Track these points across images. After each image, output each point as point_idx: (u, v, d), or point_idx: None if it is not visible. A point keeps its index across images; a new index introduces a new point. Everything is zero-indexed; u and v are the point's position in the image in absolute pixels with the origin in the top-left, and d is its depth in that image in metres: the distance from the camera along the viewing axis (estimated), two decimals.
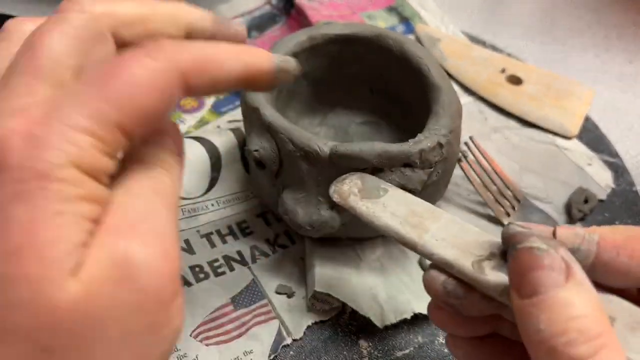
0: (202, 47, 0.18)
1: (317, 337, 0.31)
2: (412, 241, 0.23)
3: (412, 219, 0.24)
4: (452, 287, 0.21)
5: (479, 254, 0.21)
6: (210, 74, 0.18)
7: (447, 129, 0.29)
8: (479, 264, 0.21)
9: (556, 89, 0.46)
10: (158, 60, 0.17)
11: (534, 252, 0.19)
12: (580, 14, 0.61)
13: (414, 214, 0.24)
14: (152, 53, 0.17)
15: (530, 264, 0.19)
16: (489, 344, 0.24)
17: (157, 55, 0.17)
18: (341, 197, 0.26)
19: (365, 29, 0.35)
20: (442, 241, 0.22)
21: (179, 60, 0.17)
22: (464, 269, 0.21)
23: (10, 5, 0.56)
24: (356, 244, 0.34)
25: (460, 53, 0.49)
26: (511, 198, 0.37)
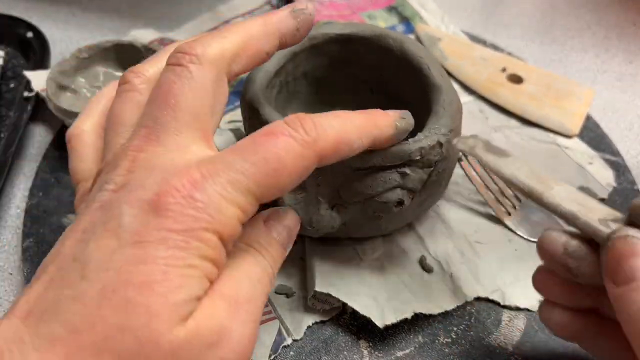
0: (339, 130, 0.21)
1: (318, 337, 0.31)
2: (538, 192, 0.23)
3: (537, 177, 0.24)
4: (574, 248, 0.21)
5: (603, 216, 0.21)
6: (342, 154, 0.21)
7: (448, 128, 0.29)
8: (605, 222, 0.21)
9: (557, 89, 0.46)
10: (301, 144, 0.19)
11: (629, 240, 0.19)
12: (580, 14, 0.61)
13: (538, 175, 0.24)
14: (295, 134, 0.19)
15: (626, 252, 0.19)
16: (587, 318, 0.24)
17: (303, 140, 0.19)
18: (466, 146, 0.26)
19: (365, 28, 0.35)
20: (567, 198, 0.22)
21: (320, 148, 0.20)
22: (590, 222, 0.21)
23: (11, 5, 0.56)
24: (356, 244, 0.34)
25: (461, 53, 0.49)
26: (512, 197, 0.37)
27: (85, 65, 0.43)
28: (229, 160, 0.19)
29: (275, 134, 0.19)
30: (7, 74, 0.47)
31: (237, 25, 0.22)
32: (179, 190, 0.18)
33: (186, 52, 0.21)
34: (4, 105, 0.45)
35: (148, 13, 0.58)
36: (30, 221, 0.37)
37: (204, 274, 0.18)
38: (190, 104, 0.20)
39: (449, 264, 0.33)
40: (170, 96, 0.20)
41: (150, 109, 0.20)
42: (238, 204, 0.18)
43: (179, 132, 0.20)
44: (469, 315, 0.32)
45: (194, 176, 0.18)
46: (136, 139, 0.20)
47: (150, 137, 0.19)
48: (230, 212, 0.18)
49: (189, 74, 0.20)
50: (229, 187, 0.18)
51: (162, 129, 0.19)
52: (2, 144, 0.41)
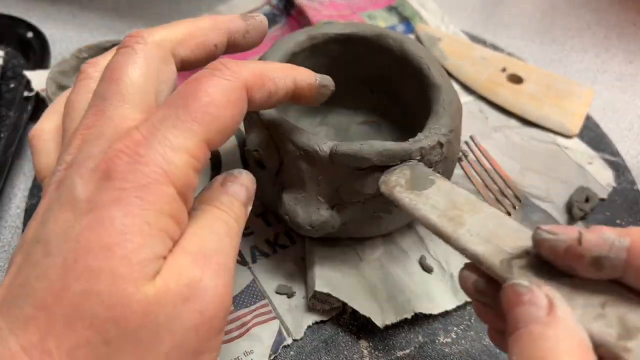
0: (258, 64, 0.22)
1: (318, 337, 0.31)
2: (446, 234, 0.23)
3: (452, 212, 0.24)
4: (482, 287, 0.22)
5: (511, 251, 0.21)
6: (267, 88, 0.22)
7: (448, 128, 0.29)
8: (508, 262, 0.21)
9: (557, 89, 0.46)
10: (227, 78, 0.20)
11: (515, 289, 0.19)
12: (580, 14, 0.61)
13: (454, 206, 0.24)
14: (219, 73, 0.20)
15: (512, 301, 0.19)
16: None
17: (224, 74, 0.20)
18: (387, 188, 0.26)
19: (365, 28, 0.35)
20: (476, 236, 0.22)
21: (243, 77, 0.21)
22: (492, 266, 0.21)
23: (11, 5, 0.56)
24: (356, 244, 0.34)
25: (461, 52, 0.49)
26: (512, 197, 0.37)
27: None
28: (164, 113, 0.19)
29: (198, 77, 0.20)
30: (7, 73, 0.47)
31: (186, 19, 0.24)
32: (123, 151, 0.18)
33: (132, 35, 0.22)
34: (4, 105, 0.45)
35: (148, 13, 0.58)
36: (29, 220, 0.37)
37: (165, 230, 0.18)
38: (134, 78, 0.21)
39: (449, 263, 0.33)
40: (115, 72, 0.21)
41: (99, 88, 0.21)
42: (185, 150, 0.18)
43: (122, 103, 0.20)
44: (469, 315, 0.32)
45: (135, 137, 0.18)
46: (86, 118, 0.20)
47: (98, 113, 0.20)
48: (178, 159, 0.18)
49: (132, 51, 0.21)
50: (171, 136, 0.18)
51: (108, 102, 0.20)
52: (2, 143, 0.41)
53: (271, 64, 0.23)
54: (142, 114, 0.20)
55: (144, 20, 0.57)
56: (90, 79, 0.23)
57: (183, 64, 0.23)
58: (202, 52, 0.24)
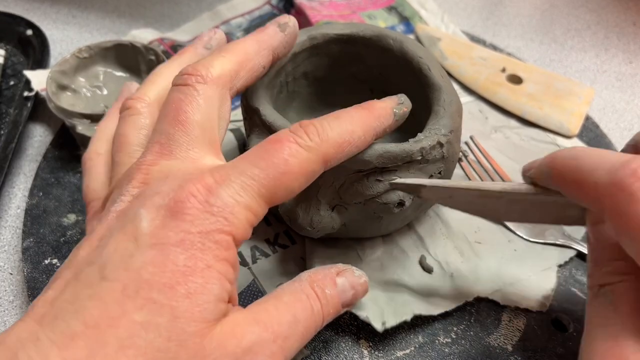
0: (340, 132, 0.22)
1: (317, 337, 0.31)
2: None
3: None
4: None
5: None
6: (347, 153, 0.23)
7: (448, 128, 0.29)
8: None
9: (556, 88, 0.46)
10: (306, 149, 0.21)
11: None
12: (579, 14, 0.61)
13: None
14: (302, 142, 0.21)
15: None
16: None
17: (307, 144, 0.21)
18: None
19: (365, 28, 0.35)
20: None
21: (324, 151, 0.21)
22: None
23: (11, 6, 0.56)
24: (356, 244, 0.34)
25: (461, 53, 0.49)
26: None
27: (85, 65, 0.43)
28: (240, 166, 0.20)
29: (282, 141, 0.20)
30: (7, 71, 0.48)
31: (233, 45, 0.24)
32: (194, 195, 0.19)
33: (191, 73, 0.22)
34: (4, 102, 0.45)
35: (148, 13, 0.58)
36: (30, 221, 0.37)
37: (222, 274, 0.18)
38: (199, 119, 0.21)
39: (449, 264, 0.33)
40: (181, 113, 0.21)
41: (162, 126, 0.21)
42: (249, 208, 0.19)
43: (190, 146, 0.21)
44: (469, 315, 0.32)
45: (207, 182, 0.19)
46: (149, 154, 0.21)
47: (163, 152, 0.21)
48: (242, 215, 0.19)
49: (195, 92, 0.22)
50: (241, 192, 0.19)
51: (175, 143, 0.21)
52: (2, 140, 0.41)
53: (352, 121, 0.23)
54: (210, 154, 0.21)
55: (144, 20, 0.57)
56: (140, 115, 0.24)
57: (238, 92, 0.24)
58: (253, 76, 0.25)
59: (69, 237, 0.36)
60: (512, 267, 0.34)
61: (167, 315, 0.17)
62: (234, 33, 0.52)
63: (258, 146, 0.21)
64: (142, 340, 0.16)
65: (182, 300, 0.17)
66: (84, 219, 0.37)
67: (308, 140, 0.21)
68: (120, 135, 0.24)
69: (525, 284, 0.33)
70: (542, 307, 0.32)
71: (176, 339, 0.17)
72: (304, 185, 0.21)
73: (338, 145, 0.22)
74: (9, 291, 0.35)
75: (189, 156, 0.21)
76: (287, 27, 0.26)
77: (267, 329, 0.19)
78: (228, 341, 0.18)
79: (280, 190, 0.20)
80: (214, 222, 0.18)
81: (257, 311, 0.20)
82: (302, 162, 0.20)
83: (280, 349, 0.19)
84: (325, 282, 0.23)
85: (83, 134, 0.39)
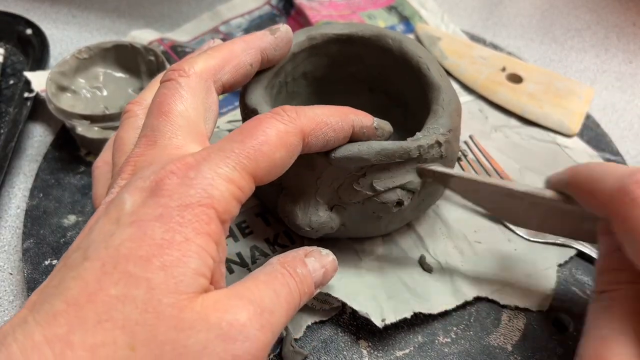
0: (316, 111, 0.24)
1: (317, 337, 0.31)
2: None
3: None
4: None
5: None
6: (324, 133, 0.24)
7: (446, 127, 0.29)
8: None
9: (556, 88, 0.46)
10: (284, 122, 0.22)
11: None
12: (580, 14, 0.61)
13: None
14: (279, 117, 0.22)
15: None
16: None
17: (283, 118, 0.22)
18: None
19: (364, 28, 0.35)
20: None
21: (301, 124, 0.22)
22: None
23: (11, 6, 0.56)
24: (356, 244, 0.34)
25: (461, 52, 0.49)
26: None
27: (85, 66, 0.43)
28: (219, 144, 0.20)
29: (259, 118, 0.21)
30: (6, 71, 0.48)
31: (220, 45, 0.25)
32: (174, 172, 0.19)
33: (175, 69, 0.23)
34: (4, 101, 0.45)
35: (148, 13, 0.58)
36: (30, 222, 0.37)
37: (203, 248, 0.18)
38: (182, 109, 0.22)
39: (449, 263, 0.33)
40: (164, 105, 0.22)
41: (148, 121, 0.22)
42: (231, 180, 0.19)
43: (174, 134, 0.21)
44: (468, 315, 0.32)
45: (188, 160, 0.19)
46: (137, 148, 0.22)
47: (149, 143, 0.21)
48: (223, 187, 0.19)
49: (178, 85, 0.22)
50: (221, 164, 0.19)
51: (159, 133, 0.21)
52: (2, 139, 0.41)
53: (329, 109, 0.24)
54: (194, 143, 0.22)
55: (144, 20, 0.57)
56: (137, 117, 0.25)
57: (224, 87, 0.25)
58: (240, 73, 0.25)
59: (69, 238, 0.36)
60: (512, 266, 0.34)
61: (143, 288, 0.17)
62: (234, 33, 0.52)
63: (239, 127, 0.21)
64: (119, 313, 0.16)
65: (158, 272, 0.17)
66: (84, 219, 0.37)
67: (285, 115, 0.22)
68: (118, 138, 0.24)
69: (525, 283, 0.33)
70: (542, 307, 0.32)
71: (153, 311, 0.17)
72: (287, 159, 0.22)
73: (315, 122, 0.23)
74: (9, 291, 0.35)
75: (173, 144, 0.21)
76: (278, 31, 0.27)
77: (252, 303, 0.19)
78: (211, 314, 0.18)
79: (262, 162, 0.20)
80: (193, 195, 0.18)
81: (238, 289, 0.20)
82: (279, 133, 0.21)
83: (268, 323, 0.19)
84: (295, 263, 0.23)
85: (83, 135, 0.39)
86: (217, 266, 0.19)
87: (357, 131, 0.26)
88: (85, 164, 0.41)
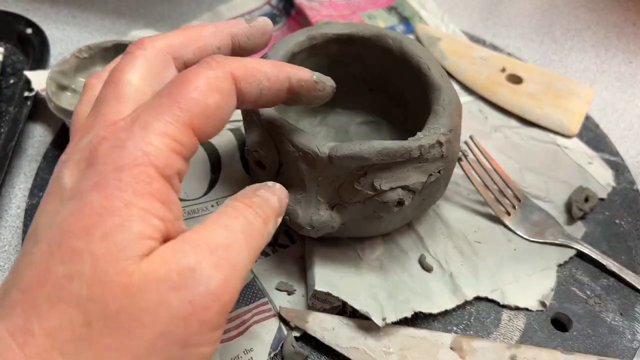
0: (248, 59, 0.22)
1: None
2: None
3: None
4: None
5: None
6: (258, 81, 0.22)
7: (447, 128, 0.29)
8: None
9: (556, 88, 0.46)
10: (213, 69, 0.20)
11: None
12: (580, 14, 0.61)
13: None
14: (205, 65, 0.20)
15: None
16: None
17: (210, 65, 0.20)
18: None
19: (364, 28, 0.35)
20: None
21: (230, 68, 0.21)
22: None
23: (11, 6, 0.56)
24: (356, 243, 0.34)
25: (460, 52, 0.49)
26: (511, 197, 0.37)
27: (85, 65, 0.43)
28: (149, 103, 0.19)
29: (185, 72, 0.20)
30: (6, 70, 0.48)
31: (187, 26, 0.25)
32: (106, 137, 0.18)
33: (135, 43, 0.23)
34: (4, 101, 0.45)
35: (148, 13, 0.58)
36: (30, 221, 0.37)
37: (147, 210, 0.17)
38: (131, 80, 0.21)
39: (449, 263, 0.33)
40: (114, 75, 0.21)
41: (100, 93, 0.21)
42: (166, 134, 0.18)
43: (118, 102, 0.20)
44: (468, 315, 0.32)
45: (119, 124, 0.19)
46: (85, 120, 0.21)
47: (95, 113, 0.20)
48: (159, 141, 0.18)
49: (132, 56, 0.22)
50: (152, 120, 0.18)
51: (104, 102, 0.21)
52: (2, 138, 0.41)
53: (263, 60, 0.23)
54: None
55: (144, 20, 0.57)
56: (94, 90, 0.23)
57: (186, 66, 0.23)
58: (205, 53, 0.24)
59: None
60: (512, 266, 0.34)
61: (88, 262, 0.16)
62: None
63: (164, 85, 0.20)
64: (68, 292, 0.16)
65: (99, 242, 0.16)
66: None
67: (212, 62, 0.21)
68: (75, 113, 0.23)
69: (525, 283, 0.33)
70: (542, 306, 0.32)
71: (100, 283, 0.16)
72: (223, 105, 0.20)
73: (246, 67, 0.21)
74: None
75: (114, 111, 0.20)
76: (254, 20, 0.26)
77: (200, 245, 0.18)
78: (158, 268, 0.17)
79: (195, 108, 0.19)
80: (127, 156, 0.17)
81: (185, 235, 0.19)
82: (208, 79, 0.20)
83: (223, 260, 0.18)
84: (245, 194, 0.22)
85: None
86: (171, 224, 0.18)
87: (295, 84, 0.24)
88: None
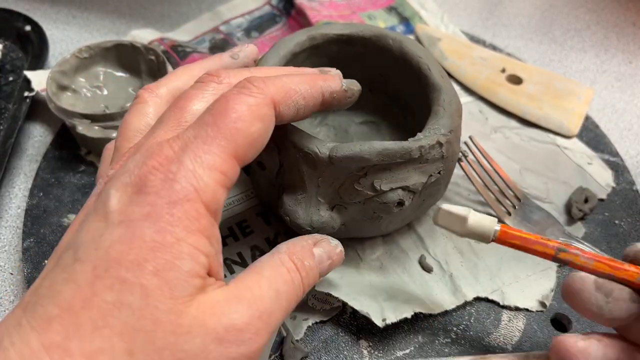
0: (283, 79, 0.23)
1: (318, 337, 0.31)
2: None
3: None
4: (603, 284, 0.23)
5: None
6: (295, 102, 0.23)
7: (447, 128, 0.29)
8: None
9: (556, 88, 0.46)
10: (253, 95, 0.21)
11: None
12: (579, 14, 0.61)
13: None
14: (246, 90, 0.21)
15: None
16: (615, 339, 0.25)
17: (251, 91, 0.21)
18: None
19: (364, 29, 0.35)
20: None
21: (269, 93, 0.22)
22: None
23: (11, 6, 0.56)
24: (356, 244, 0.34)
25: (460, 53, 0.49)
26: (512, 197, 0.37)
27: (86, 65, 0.43)
28: (194, 131, 0.20)
29: (226, 96, 0.21)
30: (5, 67, 0.48)
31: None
32: (156, 168, 0.19)
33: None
34: (3, 98, 0.45)
35: (148, 14, 0.58)
36: (30, 221, 0.37)
37: (195, 247, 0.18)
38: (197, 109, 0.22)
39: (449, 263, 0.33)
40: (180, 101, 0.22)
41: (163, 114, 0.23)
42: (214, 167, 0.19)
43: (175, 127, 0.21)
44: (468, 315, 0.32)
45: (167, 154, 0.19)
46: (141, 139, 0.22)
47: (150, 134, 0.21)
48: (208, 176, 0.19)
49: (205, 86, 0.23)
50: (201, 152, 0.19)
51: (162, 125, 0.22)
52: (1, 135, 0.41)
53: (297, 77, 0.24)
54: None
55: (144, 21, 0.57)
56: (145, 103, 0.25)
57: None
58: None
59: None
60: (512, 266, 0.34)
61: (137, 294, 0.17)
62: (234, 33, 0.52)
63: (207, 109, 0.21)
64: (115, 319, 0.16)
65: (151, 277, 0.17)
66: None
67: (252, 87, 0.21)
68: (123, 122, 0.24)
69: (525, 283, 0.33)
70: (541, 307, 0.32)
71: (150, 317, 0.17)
72: (264, 132, 0.21)
73: (284, 90, 0.22)
74: (9, 291, 0.35)
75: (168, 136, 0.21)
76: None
77: (251, 307, 0.19)
78: (208, 319, 0.18)
79: (240, 140, 0.20)
80: (179, 190, 0.18)
81: (239, 289, 0.19)
82: (250, 107, 0.20)
83: (265, 325, 0.19)
84: (303, 254, 0.23)
85: (83, 134, 0.39)
86: (213, 258, 0.19)
87: (328, 98, 0.25)
88: (86, 163, 0.41)
